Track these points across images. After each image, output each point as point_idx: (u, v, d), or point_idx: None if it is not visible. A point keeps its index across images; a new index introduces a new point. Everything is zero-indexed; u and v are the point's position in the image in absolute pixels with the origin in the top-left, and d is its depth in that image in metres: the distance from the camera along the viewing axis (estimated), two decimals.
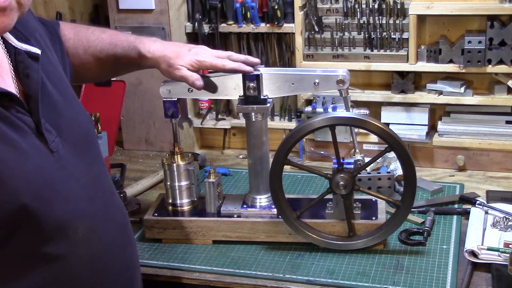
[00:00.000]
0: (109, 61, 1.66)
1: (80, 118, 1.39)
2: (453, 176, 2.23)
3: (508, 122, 2.20)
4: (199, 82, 1.64)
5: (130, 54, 1.65)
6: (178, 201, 1.86)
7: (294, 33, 2.30)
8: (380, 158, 2.21)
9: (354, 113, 1.69)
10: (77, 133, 1.33)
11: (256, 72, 1.68)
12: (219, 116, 2.51)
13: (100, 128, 2.22)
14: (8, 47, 1.26)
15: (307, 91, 1.71)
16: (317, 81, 1.68)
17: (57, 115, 1.30)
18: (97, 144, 1.43)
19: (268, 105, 1.71)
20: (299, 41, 2.29)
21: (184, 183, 1.84)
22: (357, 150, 1.74)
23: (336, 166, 1.71)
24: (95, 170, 1.37)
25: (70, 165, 1.27)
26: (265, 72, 1.70)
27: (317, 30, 2.27)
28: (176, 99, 1.76)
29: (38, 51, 1.29)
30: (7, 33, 1.23)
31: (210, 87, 1.71)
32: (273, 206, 1.78)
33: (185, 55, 1.65)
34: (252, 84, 1.68)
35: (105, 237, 1.31)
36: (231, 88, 1.72)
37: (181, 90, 1.74)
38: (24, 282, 1.20)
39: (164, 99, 1.75)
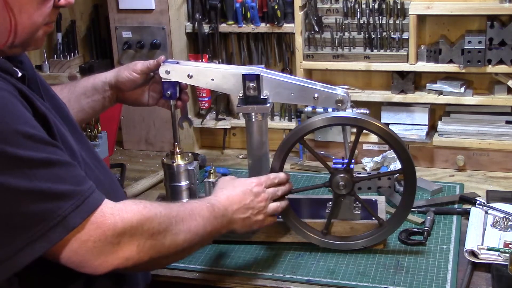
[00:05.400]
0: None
1: (62, 101, 1.46)
2: (453, 176, 2.23)
3: (508, 122, 2.20)
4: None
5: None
6: (178, 201, 1.86)
7: (294, 33, 2.30)
8: (380, 158, 2.22)
9: (354, 113, 1.69)
10: (65, 114, 1.39)
11: (254, 73, 1.68)
12: (219, 116, 2.51)
13: (100, 128, 2.22)
14: None
15: (305, 103, 1.69)
16: (316, 95, 1.68)
17: (50, 97, 1.37)
18: (78, 126, 1.48)
19: (268, 105, 1.71)
20: (299, 41, 2.29)
21: (184, 183, 1.84)
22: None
23: (337, 166, 1.71)
24: (94, 151, 1.45)
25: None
26: (265, 75, 1.69)
27: (317, 30, 2.27)
28: (175, 80, 1.75)
29: None
30: None
31: None
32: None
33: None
34: (252, 84, 1.68)
35: None
36: (231, 83, 1.72)
37: (180, 74, 1.73)
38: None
39: (163, 80, 1.74)
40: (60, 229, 1.14)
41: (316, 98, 1.68)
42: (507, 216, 1.82)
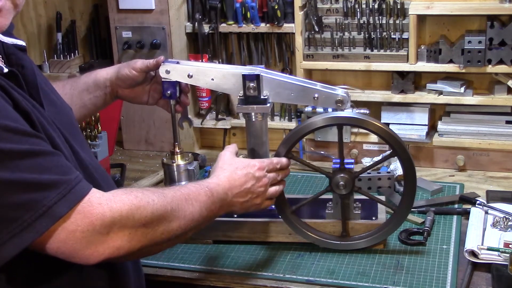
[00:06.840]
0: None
1: (65, 106, 1.45)
2: (453, 176, 2.23)
3: (508, 122, 2.20)
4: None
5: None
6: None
7: (294, 33, 2.30)
8: (380, 158, 2.22)
9: (354, 112, 1.69)
10: (65, 120, 1.39)
11: (254, 73, 1.68)
12: (219, 116, 2.51)
13: (100, 128, 2.22)
14: None
15: (305, 103, 1.69)
16: (316, 95, 1.68)
17: (50, 102, 1.36)
18: (81, 132, 1.48)
19: (268, 105, 1.71)
20: (299, 41, 2.29)
21: (184, 183, 1.84)
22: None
23: (338, 166, 1.71)
24: (90, 155, 1.43)
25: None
26: (265, 75, 1.69)
27: (317, 30, 2.27)
28: (175, 80, 1.75)
29: (24, 43, 1.34)
30: None
31: None
32: (273, 206, 1.78)
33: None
34: (252, 84, 1.68)
35: None
36: (231, 83, 1.71)
37: (180, 74, 1.73)
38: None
39: (163, 80, 1.74)
40: (46, 219, 1.12)
41: (316, 98, 1.68)
42: (507, 216, 1.82)
